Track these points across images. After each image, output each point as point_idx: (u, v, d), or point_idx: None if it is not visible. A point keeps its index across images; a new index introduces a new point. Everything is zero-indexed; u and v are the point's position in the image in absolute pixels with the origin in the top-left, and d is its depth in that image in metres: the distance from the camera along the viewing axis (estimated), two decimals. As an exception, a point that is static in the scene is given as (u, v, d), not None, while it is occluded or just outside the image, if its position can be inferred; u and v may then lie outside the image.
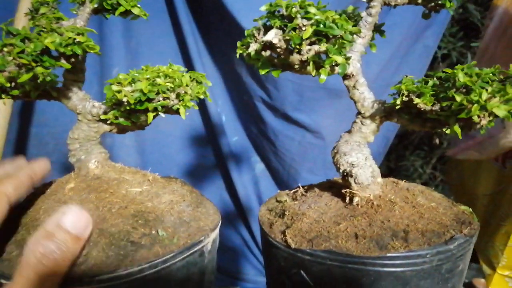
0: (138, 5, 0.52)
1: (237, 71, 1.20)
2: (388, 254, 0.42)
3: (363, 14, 0.52)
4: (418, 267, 0.42)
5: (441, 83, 0.44)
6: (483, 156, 0.95)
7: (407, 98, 0.44)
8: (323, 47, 0.41)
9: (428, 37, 1.05)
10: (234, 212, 1.44)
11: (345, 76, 0.50)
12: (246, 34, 0.45)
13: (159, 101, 0.43)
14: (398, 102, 0.45)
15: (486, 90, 0.39)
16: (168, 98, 0.43)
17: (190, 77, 0.47)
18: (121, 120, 0.47)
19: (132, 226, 0.43)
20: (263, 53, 0.44)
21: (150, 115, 0.43)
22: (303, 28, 0.40)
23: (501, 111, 0.38)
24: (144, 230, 0.43)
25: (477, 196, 1.03)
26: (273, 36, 0.40)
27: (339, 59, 0.41)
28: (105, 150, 0.52)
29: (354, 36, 0.51)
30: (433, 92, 0.43)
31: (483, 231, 1.04)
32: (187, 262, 0.43)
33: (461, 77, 0.41)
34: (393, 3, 0.52)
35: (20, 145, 1.19)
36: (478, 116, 0.39)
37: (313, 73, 0.43)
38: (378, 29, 0.59)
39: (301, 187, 0.55)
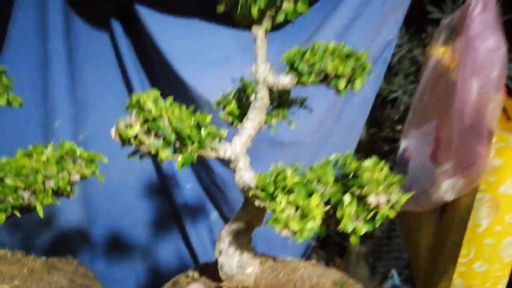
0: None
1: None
2: None
3: (252, 97, 0.52)
4: None
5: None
6: (419, 208, 0.93)
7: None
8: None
9: (366, 88, 1.05)
10: (190, 263, 1.40)
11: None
12: None
13: (9, 201, 0.41)
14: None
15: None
16: (20, 197, 0.41)
17: (59, 163, 0.45)
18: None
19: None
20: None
21: (2, 216, 0.41)
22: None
23: (295, 226, 0.35)
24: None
25: (420, 249, 1.01)
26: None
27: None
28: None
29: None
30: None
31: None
32: None
33: (290, 177, 0.39)
34: (274, 88, 0.52)
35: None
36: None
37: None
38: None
39: (191, 272, 0.54)
